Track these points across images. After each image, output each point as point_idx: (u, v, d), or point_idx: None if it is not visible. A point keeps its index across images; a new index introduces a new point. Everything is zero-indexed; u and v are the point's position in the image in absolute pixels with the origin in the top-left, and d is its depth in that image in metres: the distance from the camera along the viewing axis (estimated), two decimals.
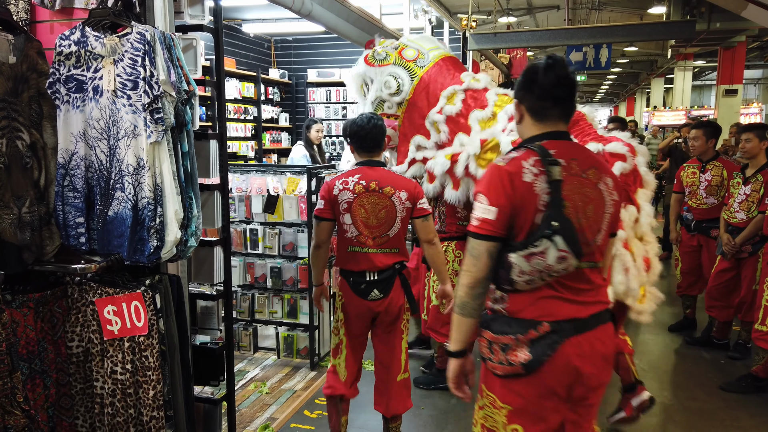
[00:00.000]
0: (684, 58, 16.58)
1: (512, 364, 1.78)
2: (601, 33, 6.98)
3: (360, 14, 4.19)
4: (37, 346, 2.15)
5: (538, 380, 1.78)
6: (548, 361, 1.76)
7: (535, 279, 1.76)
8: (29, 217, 2.17)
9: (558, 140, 1.82)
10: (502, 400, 1.84)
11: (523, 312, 1.80)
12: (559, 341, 1.76)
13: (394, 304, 2.84)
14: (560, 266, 1.74)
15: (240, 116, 7.77)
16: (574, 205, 1.76)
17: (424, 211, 2.82)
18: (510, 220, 1.75)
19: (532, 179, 1.74)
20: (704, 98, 26.96)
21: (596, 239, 1.82)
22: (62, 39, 2.15)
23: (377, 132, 2.83)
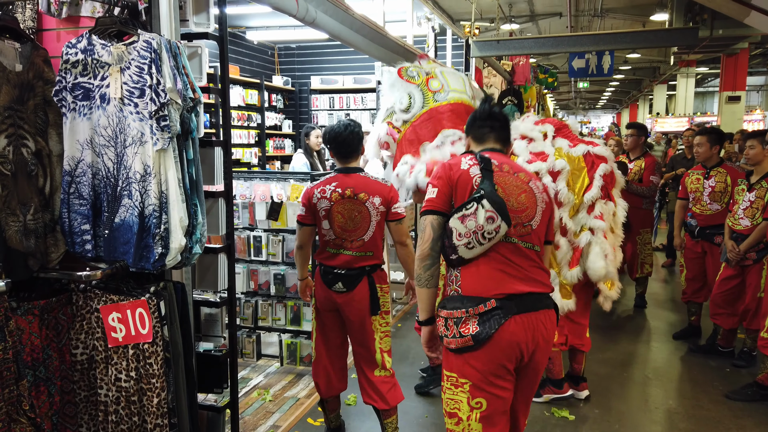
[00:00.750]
0: (687, 65, 16.60)
1: (463, 336, 2.06)
2: (603, 40, 6.99)
3: (364, 22, 4.21)
4: (42, 353, 2.15)
5: (488, 353, 2.04)
6: (495, 335, 2.03)
7: (471, 242, 2.06)
8: (34, 225, 2.18)
9: (493, 152, 2.25)
10: (462, 375, 2.09)
11: (474, 290, 2.08)
12: (504, 317, 2.04)
13: (356, 301, 2.95)
14: (490, 226, 2.05)
15: (243, 123, 7.79)
16: (505, 191, 2.11)
17: (398, 215, 2.97)
18: (449, 198, 2.14)
19: (468, 167, 2.15)
20: (707, 105, 26.96)
21: (531, 223, 2.15)
22: (69, 47, 2.16)
23: (353, 139, 2.97)
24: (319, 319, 3.12)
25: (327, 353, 3.13)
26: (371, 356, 3.03)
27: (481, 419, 2.08)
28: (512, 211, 2.10)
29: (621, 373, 4.24)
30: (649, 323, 5.48)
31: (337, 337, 3.12)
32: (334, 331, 3.11)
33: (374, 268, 3.01)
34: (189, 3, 2.53)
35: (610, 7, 12.22)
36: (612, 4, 11.96)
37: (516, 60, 10.45)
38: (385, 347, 3.05)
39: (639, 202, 5.64)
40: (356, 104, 8.53)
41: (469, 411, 2.09)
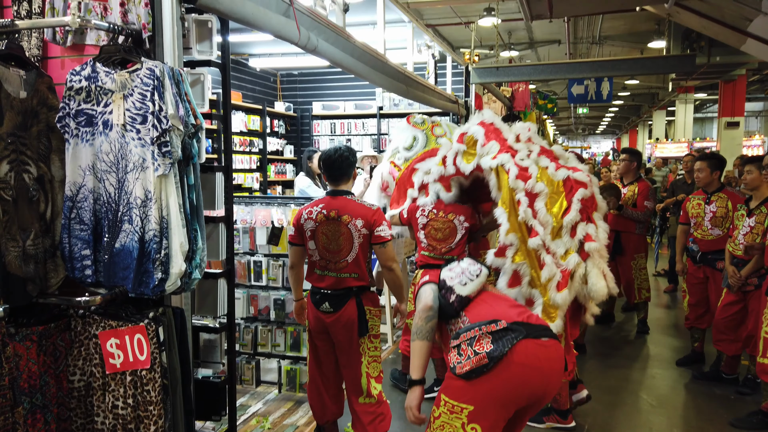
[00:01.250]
0: (685, 91, 16.73)
1: (478, 353, 2.13)
2: (602, 67, 7.07)
3: (364, 49, 4.26)
4: (39, 380, 2.13)
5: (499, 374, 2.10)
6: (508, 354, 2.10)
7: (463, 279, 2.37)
8: (33, 250, 2.18)
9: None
10: (465, 401, 2.13)
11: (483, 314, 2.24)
12: (515, 338, 2.13)
13: (343, 322, 2.98)
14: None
15: (245, 148, 7.84)
16: None
17: (381, 238, 3.00)
18: None
19: None
20: (706, 130, 27.11)
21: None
22: (73, 74, 2.19)
23: (342, 162, 3.06)
24: (311, 342, 3.15)
25: (321, 377, 3.14)
26: (357, 381, 3.03)
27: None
28: None
29: (625, 400, 4.18)
30: (652, 349, 5.43)
31: (329, 361, 3.12)
32: (326, 354, 3.11)
33: (362, 290, 3.05)
34: (192, 31, 2.57)
35: (608, 35, 12.39)
36: (610, 31, 12.13)
37: (515, 86, 10.56)
38: (372, 372, 3.04)
39: (632, 227, 5.66)
40: (357, 129, 8.60)
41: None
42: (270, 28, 3.04)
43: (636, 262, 5.76)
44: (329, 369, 3.14)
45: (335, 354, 3.10)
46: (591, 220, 3.34)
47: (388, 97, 8.34)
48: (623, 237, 5.72)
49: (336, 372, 3.15)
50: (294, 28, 3.25)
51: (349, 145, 3.22)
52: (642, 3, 5.68)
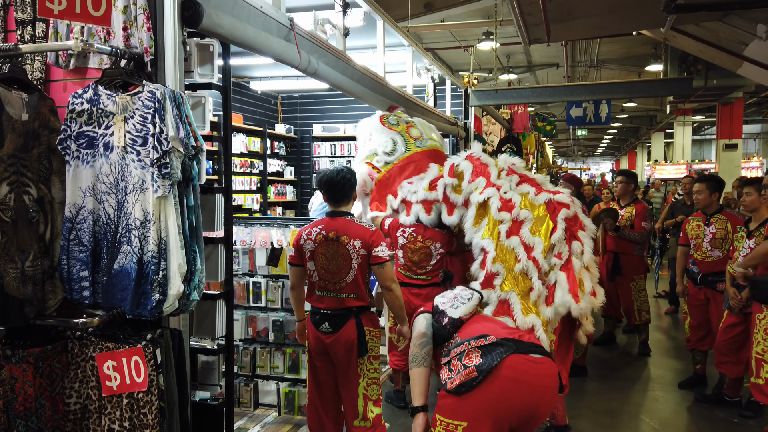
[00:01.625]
0: (683, 114, 16.87)
1: (467, 366, 2.17)
2: (600, 90, 7.15)
3: (364, 72, 4.31)
4: (35, 402, 2.11)
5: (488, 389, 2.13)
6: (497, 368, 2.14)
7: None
8: (32, 271, 2.18)
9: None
10: (458, 417, 2.15)
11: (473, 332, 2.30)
12: (505, 353, 2.17)
13: (342, 342, 2.97)
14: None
15: (246, 170, 7.88)
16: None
17: (380, 258, 2.99)
18: None
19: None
20: (704, 152, 27.24)
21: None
22: (75, 97, 2.22)
23: (345, 184, 3.08)
24: (311, 363, 3.14)
25: (320, 399, 3.12)
26: (353, 403, 3.01)
27: None
28: None
29: (627, 424, 4.14)
30: (654, 371, 5.39)
31: (329, 383, 3.11)
32: (326, 375, 3.10)
33: (361, 310, 3.04)
34: (194, 55, 2.61)
35: (606, 58, 12.55)
36: (607, 55, 12.29)
37: (515, 108, 10.65)
38: (371, 395, 3.02)
39: (631, 248, 5.67)
40: (357, 151, 8.63)
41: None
42: (271, 51, 3.08)
43: (635, 284, 5.76)
44: (329, 391, 3.12)
45: (335, 375, 3.09)
46: (576, 237, 3.44)
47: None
48: (622, 258, 5.72)
49: (336, 394, 3.13)
50: (295, 52, 3.30)
51: (350, 167, 3.24)
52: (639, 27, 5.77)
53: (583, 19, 4.80)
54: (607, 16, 4.82)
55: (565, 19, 4.76)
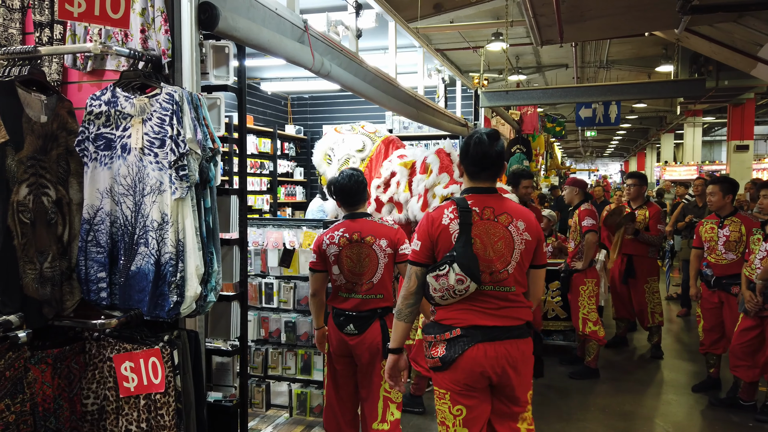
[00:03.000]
0: (693, 115, 16.76)
1: (433, 357, 2.34)
2: (611, 91, 7.11)
3: (376, 74, 4.31)
4: (53, 403, 2.12)
5: (455, 374, 2.29)
6: (459, 358, 2.28)
7: (445, 296, 2.30)
8: (50, 272, 2.19)
9: (480, 194, 2.39)
10: (444, 387, 2.35)
11: (444, 319, 2.35)
12: (468, 344, 2.28)
13: (367, 344, 2.96)
14: (460, 287, 2.27)
15: (256, 170, 7.90)
16: (483, 242, 2.31)
17: (405, 256, 2.92)
18: (430, 251, 2.36)
19: (448, 222, 2.33)
20: (715, 153, 27.06)
21: (507, 268, 2.33)
22: (93, 99, 2.22)
23: (359, 187, 3.08)
24: (330, 365, 3.12)
25: (338, 401, 3.11)
26: (373, 404, 2.99)
27: (464, 423, 2.34)
28: (487, 260, 2.30)
29: (641, 427, 4.11)
30: (667, 375, 5.35)
31: (348, 385, 3.10)
32: (345, 378, 3.09)
33: (386, 311, 3.03)
34: (210, 57, 2.62)
35: (616, 59, 12.47)
36: (617, 56, 12.22)
37: (524, 109, 10.61)
38: (394, 397, 3.01)
39: (645, 250, 5.65)
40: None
41: (453, 418, 2.34)
42: (285, 53, 3.09)
43: (649, 286, 5.73)
44: (347, 393, 3.11)
45: (355, 378, 3.08)
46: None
47: (397, 121, 8.39)
48: (636, 261, 5.70)
49: (354, 397, 3.12)
50: (308, 54, 3.30)
51: (357, 168, 3.26)
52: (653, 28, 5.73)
53: (596, 20, 4.78)
54: (621, 17, 4.79)
55: (579, 20, 4.73)
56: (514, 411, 2.40)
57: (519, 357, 2.33)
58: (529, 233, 2.36)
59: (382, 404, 2.98)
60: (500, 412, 2.40)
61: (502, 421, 2.40)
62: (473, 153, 2.37)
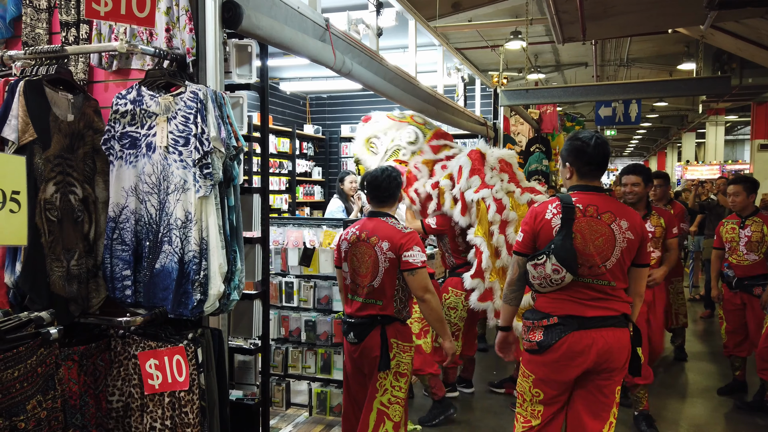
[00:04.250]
0: (715, 113, 16.49)
1: (531, 341, 2.48)
2: (633, 89, 7.00)
3: (396, 72, 4.29)
4: (79, 400, 2.14)
5: (549, 358, 2.42)
6: (555, 345, 2.40)
7: (543, 283, 2.43)
8: (77, 270, 2.21)
9: (585, 192, 2.48)
10: (529, 370, 2.51)
11: (543, 307, 2.48)
12: (565, 331, 2.39)
13: (366, 354, 2.85)
14: (556, 276, 2.38)
15: (275, 170, 7.93)
16: (584, 237, 2.39)
17: (410, 264, 2.78)
18: (532, 242, 2.50)
19: (551, 217, 2.44)
20: (737, 153, 26.59)
21: (606, 264, 2.40)
22: (119, 98, 2.24)
23: (389, 184, 2.94)
24: (344, 367, 3.07)
25: (350, 404, 3.05)
26: (366, 415, 2.84)
27: (541, 402, 2.49)
28: (587, 255, 2.39)
29: (665, 430, 4.04)
30: (691, 377, 5.26)
31: (357, 390, 3.00)
32: (357, 385, 3.00)
33: (387, 320, 2.85)
34: (233, 56, 2.62)
35: (636, 57, 12.32)
36: (638, 53, 12.06)
37: (543, 108, 10.51)
38: (392, 414, 2.80)
39: None
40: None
41: (530, 395, 2.51)
42: (307, 52, 3.08)
43: (673, 286, 5.62)
44: (357, 398, 3.01)
45: (364, 385, 2.98)
46: None
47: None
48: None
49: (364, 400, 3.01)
50: (330, 53, 3.29)
51: (395, 167, 3.08)
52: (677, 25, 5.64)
53: (619, 17, 4.71)
54: (646, 13, 4.72)
55: (602, 17, 4.67)
56: (602, 401, 2.44)
57: (614, 343, 2.39)
58: (632, 232, 2.42)
59: (375, 417, 2.82)
60: (589, 400, 2.45)
61: (592, 413, 2.45)
62: (593, 153, 2.46)
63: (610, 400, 2.46)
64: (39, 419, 1.56)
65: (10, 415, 1.50)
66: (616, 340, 2.39)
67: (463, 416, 4.22)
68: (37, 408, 1.55)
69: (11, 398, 1.52)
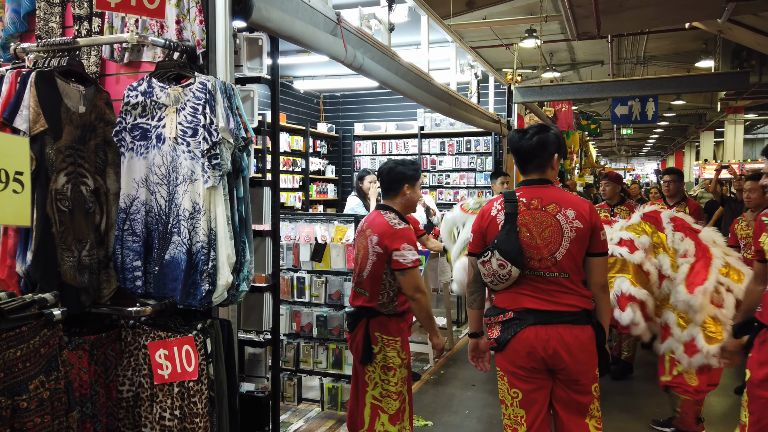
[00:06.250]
0: (734, 112, 16.23)
1: (490, 338, 2.47)
2: (650, 85, 6.91)
3: (409, 68, 4.28)
4: (90, 389, 2.15)
5: (510, 355, 2.39)
6: (512, 340, 2.38)
7: (494, 280, 2.42)
8: (88, 260, 2.23)
9: (529, 185, 2.48)
10: (502, 369, 2.46)
11: (499, 303, 2.47)
12: (520, 326, 2.37)
13: (354, 347, 2.94)
14: (503, 271, 2.36)
15: (289, 168, 7.96)
16: (529, 230, 2.38)
17: (400, 264, 2.76)
18: (482, 241, 2.51)
19: (495, 213, 2.46)
20: (756, 152, 26.17)
21: (554, 255, 2.36)
22: (130, 90, 2.25)
23: (395, 175, 2.93)
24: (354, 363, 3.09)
25: (354, 398, 3.06)
26: (361, 410, 2.86)
27: (521, 405, 2.41)
28: (534, 247, 2.37)
29: None
30: None
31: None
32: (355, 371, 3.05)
33: (371, 312, 2.86)
34: (243, 49, 2.63)
35: (653, 55, 12.17)
36: (655, 51, 11.92)
37: (558, 106, 10.44)
38: (386, 407, 2.81)
39: None
40: (398, 149, 8.62)
41: (510, 398, 2.44)
42: (318, 46, 3.09)
43: None
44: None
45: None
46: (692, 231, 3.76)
47: (429, 118, 8.35)
48: None
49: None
50: (341, 47, 3.29)
51: (411, 159, 3.11)
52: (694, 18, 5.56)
53: (635, 11, 4.65)
54: (661, 7, 4.65)
55: (617, 11, 4.61)
56: (577, 400, 2.39)
57: (573, 341, 2.32)
58: (580, 221, 2.36)
59: (370, 412, 2.84)
60: (563, 400, 2.41)
61: (570, 414, 2.41)
62: (511, 149, 2.55)
63: (588, 399, 2.39)
64: (41, 399, 1.57)
65: (12, 394, 1.52)
66: (573, 338, 2.31)
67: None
68: (40, 388, 1.56)
69: (13, 377, 1.53)
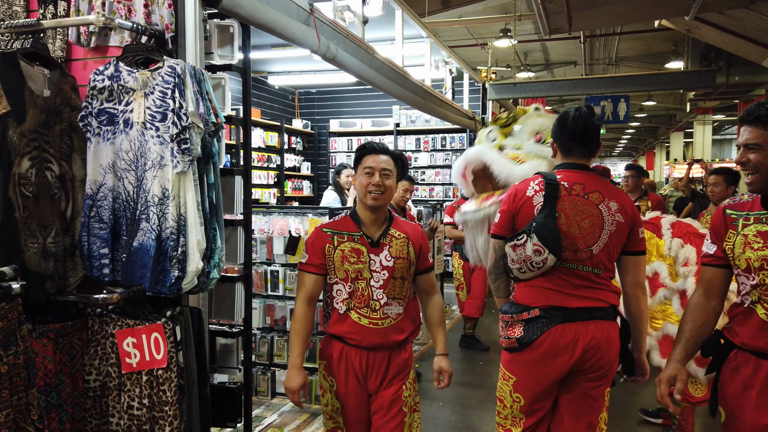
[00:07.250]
0: (703, 112, 16.60)
1: (509, 338, 2.24)
2: (620, 83, 7.03)
3: (383, 61, 4.29)
4: (55, 378, 2.10)
5: (531, 356, 2.19)
6: (537, 341, 2.17)
7: (522, 267, 2.20)
8: (54, 248, 2.17)
9: (570, 169, 2.26)
10: (509, 371, 2.28)
11: (522, 298, 2.25)
12: (548, 325, 2.17)
13: None
14: (538, 258, 2.14)
15: (263, 164, 7.90)
16: (568, 217, 2.17)
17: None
18: (510, 223, 2.26)
19: (532, 194, 2.21)
20: (725, 152, 26.82)
21: (591, 248, 2.18)
22: (96, 74, 2.21)
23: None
24: None
25: None
26: None
27: (522, 410, 2.27)
28: (571, 237, 2.16)
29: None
30: None
31: None
32: None
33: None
34: (214, 36, 2.60)
35: (625, 56, 12.38)
36: (627, 52, 12.12)
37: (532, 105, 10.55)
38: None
39: None
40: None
41: (511, 401, 2.29)
42: (290, 35, 3.07)
43: None
44: None
45: None
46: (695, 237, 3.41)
47: (405, 115, 8.37)
48: None
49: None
50: (314, 36, 3.28)
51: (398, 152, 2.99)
52: (663, 15, 5.66)
53: (606, 7, 4.72)
54: (631, 3, 4.73)
55: (587, 7, 4.68)
56: (591, 406, 2.22)
57: (602, 338, 2.16)
58: (622, 215, 2.19)
59: None
60: (577, 406, 2.24)
61: (579, 420, 2.24)
62: (572, 127, 2.24)
63: (599, 404, 2.24)
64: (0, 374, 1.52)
65: None
66: (603, 335, 2.16)
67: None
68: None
69: None
